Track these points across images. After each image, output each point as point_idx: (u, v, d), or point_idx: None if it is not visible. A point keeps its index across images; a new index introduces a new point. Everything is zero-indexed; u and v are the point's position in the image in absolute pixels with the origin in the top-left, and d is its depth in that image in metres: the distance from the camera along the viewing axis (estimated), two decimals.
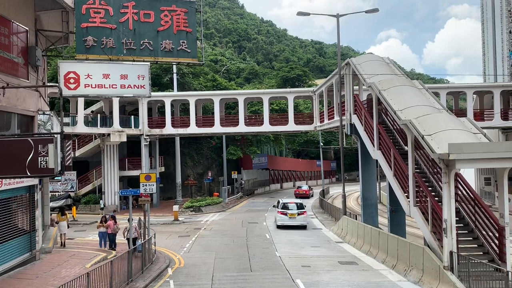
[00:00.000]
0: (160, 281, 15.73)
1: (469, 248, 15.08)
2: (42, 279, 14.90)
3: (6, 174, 12.12)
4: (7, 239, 15.56)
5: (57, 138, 12.13)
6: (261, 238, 24.97)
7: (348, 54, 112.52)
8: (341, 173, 32.24)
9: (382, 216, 30.04)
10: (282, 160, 70.00)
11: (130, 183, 39.94)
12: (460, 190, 16.33)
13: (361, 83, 25.77)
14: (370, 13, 27.27)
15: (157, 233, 21.80)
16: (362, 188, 27.21)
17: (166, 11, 17.04)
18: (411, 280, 15.33)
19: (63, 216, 21.45)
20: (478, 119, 34.14)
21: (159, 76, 45.85)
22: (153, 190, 19.30)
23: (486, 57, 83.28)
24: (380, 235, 19.43)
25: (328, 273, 16.80)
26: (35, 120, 17.12)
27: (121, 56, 16.50)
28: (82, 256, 18.55)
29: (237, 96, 40.42)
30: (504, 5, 74.81)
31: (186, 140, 47.11)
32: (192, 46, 17.40)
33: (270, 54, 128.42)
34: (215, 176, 49.59)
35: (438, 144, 14.80)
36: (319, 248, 22.11)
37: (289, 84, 66.79)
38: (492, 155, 13.58)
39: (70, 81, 15.77)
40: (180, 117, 42.51)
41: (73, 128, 34.49)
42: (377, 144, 21.75)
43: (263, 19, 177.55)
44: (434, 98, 19.98)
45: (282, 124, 39.29)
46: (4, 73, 14.64)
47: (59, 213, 21.90)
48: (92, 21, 16.28)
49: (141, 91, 16.76)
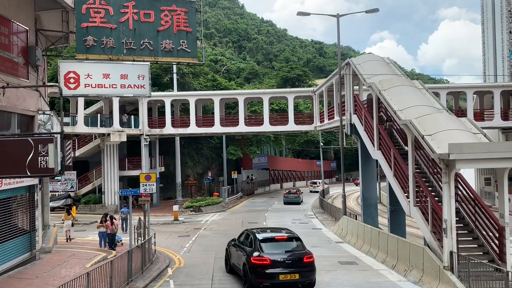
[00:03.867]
0: (160, 281, 15.73)
1: (469, 248, 15.06)
2: (42, 279, 14.89)
3: (6, 174, 12.12)
4: (7, 239, 15.55)
5: (57, 138, 12.13)
6: None
7: (348, 54, 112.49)
8: (341, 173, 32.24)
9: (382, 216, 30.03)
10: (282, 160, 70.01)
11: (130, 183, 39.92)
12: (460, 190, 16.33)
13: (361, 83, 25.76)
14: (363, 15, 27.30)
15: (157, 233, 21.78)
16: (362, 188, 27.19)
17: (166, 11, 17.05)
18: (411, 280, 15.32)
19: (69, 216, 23.39)
20: (478, 119, 34.12)
21: (159, 76, 45.85)
22: (153, 190, 19.28)
23: (486, 57, 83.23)
24: (380, 235, 19.43)
25: (328, 273, 16.78)
26: (35, 120, 17.12)
27: (121, 56, 16.51)
28: (82, 256, 18.54)
29: (237, 96, 40.41)
30: (504, 5, 74.80)
31: (186, 140, 47.10)
32: (192, 46, 17.41)
33: (270, 54, 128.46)
34: (215, 176, 49.58)
35: (438, 144, 14.79)
36: (319, 248, 22.08)
37: (289, 84, 66.79)
38: (492, 155, 13.58)
39: (70, 81, 15.77)
40: (180, 117, 42.50)
41: (73, 128, 34.48)
42: (377, 144, 21.74)
43: (263, 19, 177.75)
44: (434, 98, 19.98)
45: (282, 124, 39.28)
46: (4, 73, 14.63)
47: (66, 212, 23.79)
48: (92, 21, 16.29)
49: (141, 91, 16.76)
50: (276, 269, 13.57)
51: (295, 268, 13.68)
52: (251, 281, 13.71)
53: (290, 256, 14.01)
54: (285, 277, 13.52)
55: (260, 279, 13.53)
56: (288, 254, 14.12)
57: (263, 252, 13.93)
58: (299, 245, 14.64)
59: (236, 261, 15.59)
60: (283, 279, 13.50)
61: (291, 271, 13.61)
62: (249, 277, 13.77)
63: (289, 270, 13.63)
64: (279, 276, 13.49)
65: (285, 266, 13.69)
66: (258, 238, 14.63)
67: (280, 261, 13.77)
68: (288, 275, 13.55)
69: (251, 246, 14.61)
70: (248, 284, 13.88)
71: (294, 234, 15.40)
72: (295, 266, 13.76)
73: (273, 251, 14.06)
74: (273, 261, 13.63)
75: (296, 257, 13.98)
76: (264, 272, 13.54)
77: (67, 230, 22.95)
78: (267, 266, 13.55)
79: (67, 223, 23.07)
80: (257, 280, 13.58)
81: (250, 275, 13.75)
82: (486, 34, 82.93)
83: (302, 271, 13.73)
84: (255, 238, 14.68)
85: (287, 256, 14.00)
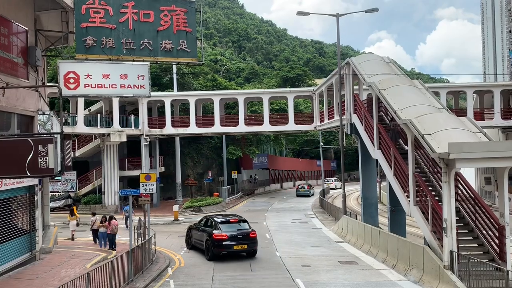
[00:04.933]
0: (160, 281, 15.73)
1: (469, 248, 15.07)
2: (42, 279, 14.90)
3: (6, 174, 12.11)
4: (7, 239, 15.55)
5: (57, 138, 12.13)
6: (261, 238, 24.85)
7: (348, 53, 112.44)
8: (341, 173, 32.22)
9: (382, 215, 30.02)
10: (282, 160, 69.97)
11: (130, 183, 39.89)
12: (460, 190, 16.32)
13: (361, 83, 25.75)
14: (360, 15, 27.30)
15: (157, 233, 21.80)
16: (362, 187, 27.19)
17: (165, 11, 17.05)
18: (411, 279, 15.32)
19: (73, 216, 23.97)
20: (478, 119, 34.10)
21: (159, 76, 45.84)
22: (153, 190, 19.29)
23: (486, 56, 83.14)
24: (380, 235, 19.43)
25: (328, 272, 16.79)
26: (35, 120, 17.11)
27: (121, 56, 16.51)
28: (82, 256, 18.54)
29: (237, 96, 40.40)
30: (504, 5, 74.74)
31: (186, 140, 47.09)
32: (191, 46, 17.41)
33: (270, 54, 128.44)
34: (215, 176, 49.57)
35: (438, 143, 14.79)
36: (319, 247, 22.10)
37: (289, 84, 66.74)
38: (492, 155, 13.58)
39: (70, 81, 15.78)
40: (180, 117, 42.49)
41: (73, 128, 34.45)
42: (377, 143, 21.73)
43: (263, 18, 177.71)
44: (434, 97, 19.97)
45: (282, 123, 39.26)
46: (4, 73, 14.63)
47: (69, 214, 24.47)
48: (92, 21, 16.29)
49: (141, 91, 16.78)
50: (231, 242, 18.63)
51: (244, 241, 18.96)
52: (213, 252, 18.65)
53: (240, 233, 19.09)
54: (237, 247, 18.79)
55: (220, 249, 18.60)
56: (239, 231, 19.13)
57: (221, 230, 18.79)
58: (246, 225, 19.70)
59: (199, 239, 20.36)
60: (236, 248, 18.75)
61: (241, 243, 18.91)
62: (212, 249, 18.70)
63: (240, 242, 18.87)
64: (233, 246, 18.66)
65: (237, 239, 18.82)
66: (217, 221, 19.66)
67: (233, 236, 18.77)
68: (240, 246, 18.86)
69: (211, 227, 19.42)
70: (211, 254, 18.76)
71: (243, 218, 20.64)
72: (244, 239, 18.98)
73: (228, 230, 18.97)
74: (229, 236, 18.65)
75: (244, 233, 19.12)
76: (222, 244, 18.58)
77: (73, 230, 23.44)
78: (225, 240, 18.64)
79: (73, 223, 23.55)
80: (218, 250, 18.59)
81: (212, 248, 18.67)
82: (486, 33, 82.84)
83: (249, 243, 19.08)
84: (215, 221, 19.66)
85: (238, 233, 19.03)
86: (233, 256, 18.95)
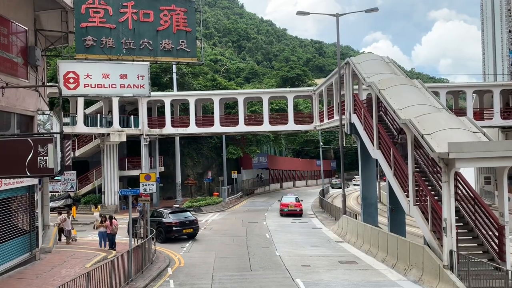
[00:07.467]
0: (160, 281, 15.74)
1: (469, 247, 15.08)
2: (42, 279, 14.90)
3: (6, 174, 12.12)
4: (7, 239, 15.55)
5: (57, 138, 12.13)
6: (261, 238, 24.97)
7: (348, 53, 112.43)
8: (341, 173, 32.22)
9: (382, 215, 30.05)
10: (282, 160, 69.99)
11: (130, 183, 39.93)
12: (459, 189, 16.33)
13: (360, 83, 25.76)
14: (357, 16, 27.36)
15: None
16: (362, 187, 27.20)
17: (165, 10, 17.04)
18: (411, 279, 15.33)
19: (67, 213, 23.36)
20: (478, 118, 34.13)
21: (159, 76, 45.84)
22: (153, 190, 19.30)
23: (485, 56, 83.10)
24: (380, 234, 19.44)
25: (328, 272, 16.80)
26: (34, 120, 17.11)
27: (121, 56, 16.51)
28: (82, 256, 18.55)
29: (237, 95, 40.40)
30: (504, 4, 74.75)
31: (186, 140, 47.10)
32: (191, 45, 17.40)
33: (270, 54, 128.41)
34: (215, 175, 49.58)
35: (438, 143, 14.80)
36: (319, 247, 22.11)
37: (289, 84, 66.77)
38: (492, 154, 13.59)
39: (69, 81, 15.78)
40: (180, 117, 42.48)
41: (73, 128, 34.46)
42: (376, 143, 21.74)
43: (263, 18, 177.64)
44: (434, 97, 19.97)
45: (282, 123, 39.26)
46: (4, 73, 14.62)
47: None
48: (92, 20, 16.28)
49: (141, 91, 16.77)
50: (180, 227, 23.77)
51: (190, 226, 24.21)
52: (165, 235, 23.47)
53: (187, 220, 24.33)
54: (185, 231, 24.02)
55: (172, 233, 23.65)
56: (186, 219, 24.35)
57: (171, 219, 23.83)
58: (191, 214, 25.46)
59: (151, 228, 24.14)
60: (185, 232, 23.99)
61: (189, 227, 24.10)
62: (164, 234, 23.48)
63: (187, 227, 24.04)
64: (183, 230, 23.86)
65: (185, 225, 23.99)
66: (167, 212, 24.54)
67: (182, 222, 23.94)
68: (187, 230, 24.06)
69: (162, 217, 24.17)
70: (163, 237, 23.41)
71: (189, 209, 27.57)
72: (190, 225, 24.27)
73: (177, 218, 24.05)
74: (179, 222, 23.80)
75: (190, 220, 24.50)
76: (173, 229, 23.61)
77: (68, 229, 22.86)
78: (176, 225, 23.67)
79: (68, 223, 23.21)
80: (170, 234, 23.58)
81: (165, 233, 23.50)
82: (485, 33, 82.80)
83: (194, 227, 24.45)
84: (166, 212, 24.45)
85: (185, 220, 24.22)
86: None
